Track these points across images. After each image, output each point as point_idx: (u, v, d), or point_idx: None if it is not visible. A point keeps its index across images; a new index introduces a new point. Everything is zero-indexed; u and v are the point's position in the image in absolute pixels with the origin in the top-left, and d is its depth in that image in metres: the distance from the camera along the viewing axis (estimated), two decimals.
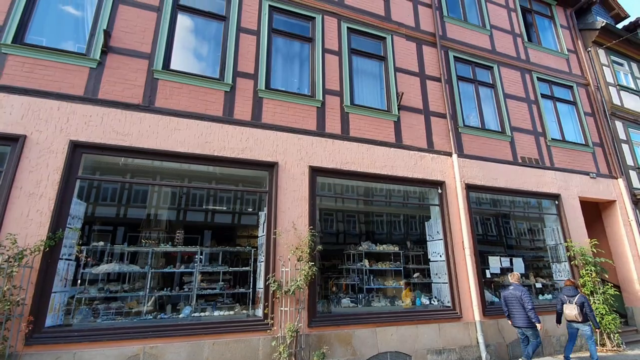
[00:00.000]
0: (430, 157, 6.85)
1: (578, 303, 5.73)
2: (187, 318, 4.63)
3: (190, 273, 5.67)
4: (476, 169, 7.17)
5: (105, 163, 5.13)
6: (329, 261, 8.32)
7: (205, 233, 9.59)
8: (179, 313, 4.87)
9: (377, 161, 6.33)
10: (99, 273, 5.68)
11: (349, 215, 10.40)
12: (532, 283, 7.38)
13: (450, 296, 6.11)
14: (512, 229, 9.21)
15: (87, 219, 8.00)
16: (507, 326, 6.21)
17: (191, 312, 4.77)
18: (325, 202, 10.01)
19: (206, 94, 5.58)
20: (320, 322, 5.04)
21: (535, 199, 7.86)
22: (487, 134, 7.72)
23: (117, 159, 5.04)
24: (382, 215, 10.19)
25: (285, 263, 5.01)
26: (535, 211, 8.13)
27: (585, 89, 9.90)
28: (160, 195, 8.06)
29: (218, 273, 5.85)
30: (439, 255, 6.46)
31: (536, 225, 8.80)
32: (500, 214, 8.89)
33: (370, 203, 8.87)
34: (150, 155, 4.98)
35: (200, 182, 6.11)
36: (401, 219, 9.78)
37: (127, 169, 5.41)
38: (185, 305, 5.25)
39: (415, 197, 7.14)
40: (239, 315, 4.94)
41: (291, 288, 4.72)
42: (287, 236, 5.23)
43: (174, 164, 5.31)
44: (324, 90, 6.42)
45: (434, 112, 7.33)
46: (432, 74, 7.68)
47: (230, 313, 4.91)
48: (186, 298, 5.62)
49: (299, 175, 5.66)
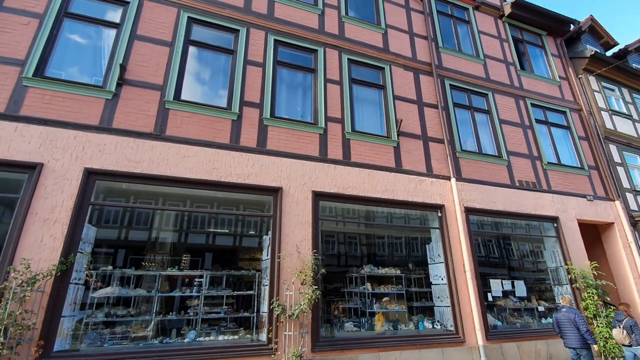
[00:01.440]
0: (429, 181, 7.05)
1: (626, 327, 5.88)
2: (192, 343, 4.67)
3: (192, 297, 5.74)
4: (475, 192, 7.35)
5: (111, 187, 5.32)
6: (331, 284, 8.35)
7: (207, 255, 9.66)
8: (184, 337, 4.92)
9: (377, 185, 6.53)
10: (100, 296, 5.80)
11: (350, 238, 10.48)
12: (535, 306, 7.38)
13: (453, 320, 6.13)
14: (513, 252, 9.28)
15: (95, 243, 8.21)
16: (511, 351, 6.20)
17: (196, 337, 4.81)
18: (328, 225, 10.17)
19: (214, 123, 5.86)
20: (324, 346, 5.06)
21: (534, 221, 7.98)
22: (485, 158, 7.95)
23: (125, 184, 5.26)
24: (383, 237, 10.28)
25: (289, 287, 5.10)
26: (535, 234, 8.23)
27: (579, 113, 10.23)
28: (164, 219, 8.21)
29: (220, 297, 5.91)
30: (441, 278, 6.53)
31: (537, 248, 8.88)
32: (501, 237, 8.99)
33: (372, 226, 9.00)
34: (160, 182, 5.18)
35: (204, 206, 6.28)
36: (403, 242, 9.87)
37: (132, 192, 5.61)
38: (190, 330, 5.30)
39: (416, 220, 7.28)
40: (242, 339, 4.98)
41: (295, 312, 4.79)
42: (291, 260, 5.34)
43: (180, 189, 5.53)
44: (326, 117, 6.71)
45: (432, 137, 7.60)
46: (430, 101, 8.01)
47: (234, 337, 4.96)
48: (188, 322, 5.66)
49: (302, 200, 5.84)
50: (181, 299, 6.20)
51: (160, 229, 8.42)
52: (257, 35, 6.85)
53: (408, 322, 6.26)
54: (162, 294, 5.41)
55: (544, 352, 6.47)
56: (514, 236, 8.80)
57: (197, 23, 6.51)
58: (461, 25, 9.87)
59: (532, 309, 7.38)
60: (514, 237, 8.97)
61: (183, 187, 5.32)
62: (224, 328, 5.53)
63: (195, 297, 5.76)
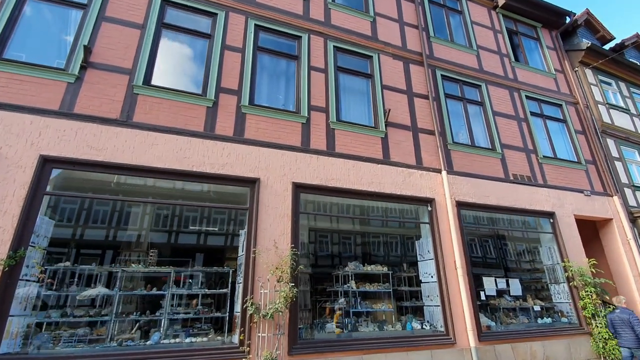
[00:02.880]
0: (419, 173, 6.70)
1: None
2: (154, 345, 4.27)
3: (179, 296, 5.34)
4: (467, 186, 7.00)
5: (88, 179, 4.95)
6: (322, 284, 7.97)
7: (197, 256, 9.25)
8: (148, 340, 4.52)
9: (363, 177, 6.16)
10: (84, 298, 5.42)
11: (339, 236, 10.11)
12: (531, 306, 7.02)
13: (443, 320, 5.76)
14: (507, 249, 8.92)
15: (73, 241, 7.79)
16: (505, 353, 5.83)
17: (160, 339, 4.41)
18: (318, 224, 9.82)
19: (187, 110, 5.48)
20: (302, 349, 4.68)
21: (529, 217, 7.63)
22: (477, 151, 7.61)
23: (105, 178, 4.90)
24: (378, 237, 9.92)
25: (264, 284, 4.71)
26: (531, 230, 7.89)
27: (575, 107, 9.92)
28: (144, 216, 7.82)
29: (195, 296, 5.51)
30: (430, 275, 6.16)
31: (532, 245, 8.52)
32: (494, 234, 8.64)
33: (358, 221, 8.66)
34: (124, 171, 4.79)
35: (176, 200, 5.88)
36: (390, 239, 9.51)
37: (117, 189, 5.24)
38: (166, 331, 4.90)
39: (405, 215, 6.91)
40: (213, 342, 4.58)
41: (269, 312, 4.41)
42: (268, 255, 4.96)
43: (160, 183, 5.20)
44: (309, 106, 6.35)
45: (423, 128, 7.25)
46: (420, 92, 7.67)
47: (203, 340, 4.55)
48: (174, 323, 5.26)
49: (281, 192, 5.47)
50: (158, 298, 5.81)
51: (140, 228, 8.02)
52: (236, 19, 6.49)
53: (396, 322, 5.88)
54: (125, 292, 5.00)
55: (540, 354, 6.10)
56: (508, 233, 8.46)
57: (172, 5, 6.15)
58: (453, 15, 9.55)
59: (527, 308, 7.02)
60: (508, 234, 8.62)
61: (150, 177, 4.94)
62: (197, 329, 5.13)
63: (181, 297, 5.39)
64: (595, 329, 6.61)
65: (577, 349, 6.46)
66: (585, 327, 6.74)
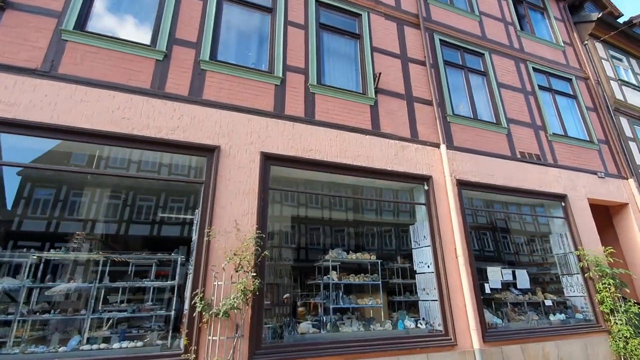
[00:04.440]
0: (414, 147, 5.75)
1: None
2: (69, 353, 3.29)
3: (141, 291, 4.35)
4: (469, 163, 6.07)
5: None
6: (307, 278, 7.05)
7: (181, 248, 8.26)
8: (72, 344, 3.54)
9: (348, 150, 5.20)
10: (54, 293, 4.47)
11: (325, 226, 9.17)
12: (541, 300, 6.14)
13: (442, 317, 4.85)
14: (513, 237, 8.02)
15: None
16: (514, 355, 4.94)
17: (79, 344, 3.44)
18: (301, 211, 8.87)
19: (131, 62, 4.47)
20: (266, 355, 3.73)
21: (538, 199, 6.72)
22: (480, 125, 6.67)
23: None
24: (362, 224, 8.99)
25: (219, 274, 3.74)
26: (540, 215, 7.01)
27: (585, 82, 9.03)
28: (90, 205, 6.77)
29: (151, 291, 4.54)
30: (427, 265, 5.24)
31: (541, 232, 7.63)
32: (499, 219, 7.74)
33: (346, 209, 7.73)
34: (40, 132, 3.78)
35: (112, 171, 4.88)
36: (381, 227, 8.58)
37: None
38: (114, 334, 3.93)
39: (398, 196, 5.97)
40: (150, 348, 3.61)
41: (222, 309, 3.44)
42: (227, 239, 4.00)
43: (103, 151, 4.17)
44: (285, 66, 5.36)
45: (418, 98, 6.29)
46: (416, 57, 6.70)
47: (137, 345, 3.58)
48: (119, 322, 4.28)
49: (247, 163, 4.49)
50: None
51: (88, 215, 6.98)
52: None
53: (385, 320, 4.96)
54: (38, 285, 4.01)
55: (554, 356, 5.23)
56: (513, 218, 7.57)
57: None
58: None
59: (537, 303, 6.13)
60: (513, 220, 7.74)
61: (75, 140, 3.92)
62: (145, 330, 4.17)
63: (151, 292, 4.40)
64: (615, 326, 5.76)
65: (594, 349, 5.60)
66: (603, 324, 5.88)
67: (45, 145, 4.19)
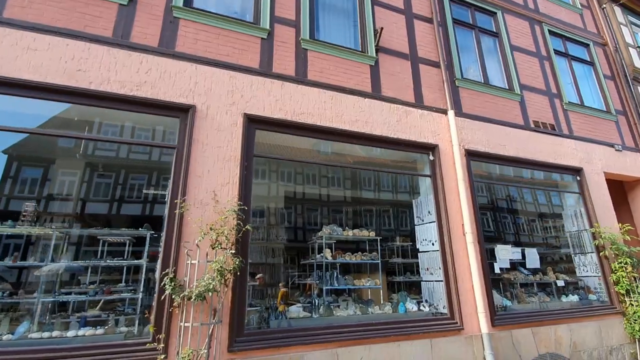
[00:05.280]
0: (418, 113, 5.14)
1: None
2: (14, 342, 2.80)
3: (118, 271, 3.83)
4: (478, 132, 5.49)
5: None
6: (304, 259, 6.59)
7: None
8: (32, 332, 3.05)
9: (345, 114, 4.60)
10: (44, 274, 3.96)
11: (322, 203, 8.67)
12: (552, 280, 5.70)
13: (447, 299, 4.39)
14: (522, 212, 7.53)
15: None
16: (524, 339, 4.53)
17: (28, 332, 2.95)
18: (298, 188, 8.33)
19: (88, 5, 3.78)
20: (249, 342, 3.27)
21: (552, 172, 6.18)
22: (492, 91, 6.04)
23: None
24: (361, 202, 8.48)
25: (193, 252, 3.22)
26: (553, 189, 6.50)
27: (603, 49, 8.32)
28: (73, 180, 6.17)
29: (121, 271, 4.03)
30: (431, 243, 4.75)
31: (552, 209, 7.14)
32: (508, 194, 7.23)
33: (341, 182, 7.20)
34: None
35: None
36: (383, 205, 8.07)
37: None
38: (79, 318, 3.45)
39: (400, 166, 5.40)
40: (112, 336, 3.12)
41: (195, 291, 2.94)
42: (203, 212, 3.46)
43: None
44: (272, 17, 4.67)
45: (424, 59, 5.63)
46: (421, 14, 5.98)
47: (98, 332, 3.10)
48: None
49: (227, 126, 3.90)
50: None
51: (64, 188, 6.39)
52: None
53: (384, 303, 4.51)
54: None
55: (567, 340, 4.83)
56: (522, 194, 7.07)
57: None
58: None
59: (548, 283, 5.70)
60: (523, 196, 7.23)
61: (20, 96, 3.30)
62: (112, 315, 3.68)
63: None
64: (630, 307, 5.36)
65: (608, 332, 5.21)
66: (618, 305, 5.47)
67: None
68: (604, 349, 5.06)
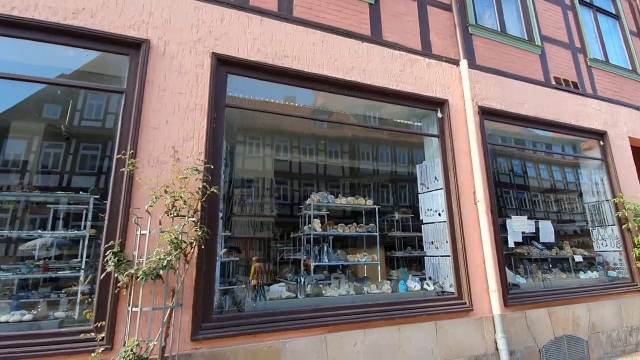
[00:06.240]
0: (425, 62, 4.38)
1: None
2: None
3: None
4: (494, 87, 4.75)
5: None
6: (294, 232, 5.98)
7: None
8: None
9: (338, 59, 3.83)
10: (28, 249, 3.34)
11: (317, 178, 8.03)
12: (569, 256, 5.15)
13: (454, 276, 3.83)
14: (536, 180, 6.91)
15: None
16: (539, 321, 4.01)
17: None
18: (291, 156, 7.65)
19: None
20: (219, 329, 2.69)
21: (573, 136, 5.50)
22: (509, 41, 5.25)
23: None
24: (359, 171, 7.85)
25: (143, 221, 2.55)
26: (574, 155, 5.85)
27: (629, 2, 7.43)
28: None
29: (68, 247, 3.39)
30: (437, 213, 4.13)
31: (567, 176, 6.52)
32: (521, 159, 6.58)
33: (339, 154, 6.54)
34: None
35: None
36: (379, 174, 7.46)
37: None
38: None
39: (402, 124, 4.69)
40: (47, 322, 2.52)
41: (142, 269, 2.30)
42: (160, 172, 2.79)
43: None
44: None
45: (433, 0, 4.80)
46: None
47: (26, 318, 2.49)
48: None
49: (191, 68, 3.15)
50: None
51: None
52: None
53: (382, 281, 3.93)
54: None
55: (585, 321, 4.33)
56: (539, 158, 6.43)
57: None
58: None
59: (564, 259, 5.16)
60: (536, 161, 6.59)
61: None
62: (60, 296, 3.09)
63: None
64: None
65: (628, 311, 4.72)
66: (639, 282, 4.96)
67: None
68: (623, 330, 4.59)
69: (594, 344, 4.33)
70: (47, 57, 3.04)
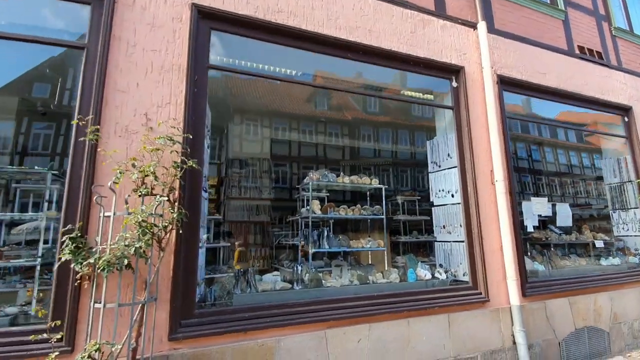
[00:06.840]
0: (440, 24, 3.87)
1: None
2: None
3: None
4: (514, 54, 4.26)
5: None
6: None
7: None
8: None
9: (340, 17, 3.33)
10: (18, 233, 2.90)
11: (318, 161, 7.59)
12: (590, 241, 4.78)
13: (469, 264, 3.45)
14: (552, 160, 6.48)
15: None
16: (559, 311, 3.67)
17: None
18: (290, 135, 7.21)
19: None
20: (201, 326, 2.31)
21: (596, 111, 5.03)
22: (530, 3, 4.72)
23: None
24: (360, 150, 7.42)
25: (108, 200, 2.12)
26: (597, 132, 5.41)
27: None
28: None
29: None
30: (450, 194, 3.72)
31: (585, 159, 6.09)
32: (537, 137, 6.14)
33: (339, 136, 6.10)
34: None
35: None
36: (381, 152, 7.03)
37: None
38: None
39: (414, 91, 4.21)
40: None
41: (104, 258, 1.89)
42: (130, 144, 2.35)
43: None
44: None
45: None
46: None
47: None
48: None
49: (167, 22, 2.65)
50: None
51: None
52: None
53: (389, 269, 3.54)
54: None
55: (607, 311, 3.99)
56: (553, 135, 5.99)
57: None
58: None
59: (584, 244, 4.79)
60: (553, 139, 6.15)
61: None
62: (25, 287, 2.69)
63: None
64: None
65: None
66: None
67: None
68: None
69: (616, 335, 4.01)
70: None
